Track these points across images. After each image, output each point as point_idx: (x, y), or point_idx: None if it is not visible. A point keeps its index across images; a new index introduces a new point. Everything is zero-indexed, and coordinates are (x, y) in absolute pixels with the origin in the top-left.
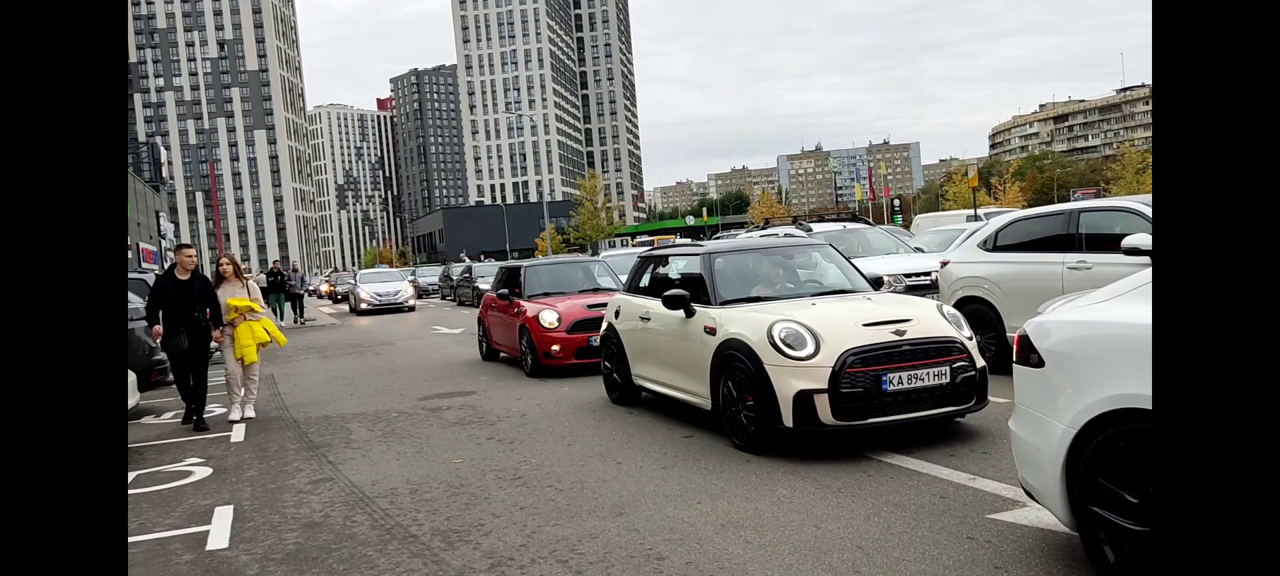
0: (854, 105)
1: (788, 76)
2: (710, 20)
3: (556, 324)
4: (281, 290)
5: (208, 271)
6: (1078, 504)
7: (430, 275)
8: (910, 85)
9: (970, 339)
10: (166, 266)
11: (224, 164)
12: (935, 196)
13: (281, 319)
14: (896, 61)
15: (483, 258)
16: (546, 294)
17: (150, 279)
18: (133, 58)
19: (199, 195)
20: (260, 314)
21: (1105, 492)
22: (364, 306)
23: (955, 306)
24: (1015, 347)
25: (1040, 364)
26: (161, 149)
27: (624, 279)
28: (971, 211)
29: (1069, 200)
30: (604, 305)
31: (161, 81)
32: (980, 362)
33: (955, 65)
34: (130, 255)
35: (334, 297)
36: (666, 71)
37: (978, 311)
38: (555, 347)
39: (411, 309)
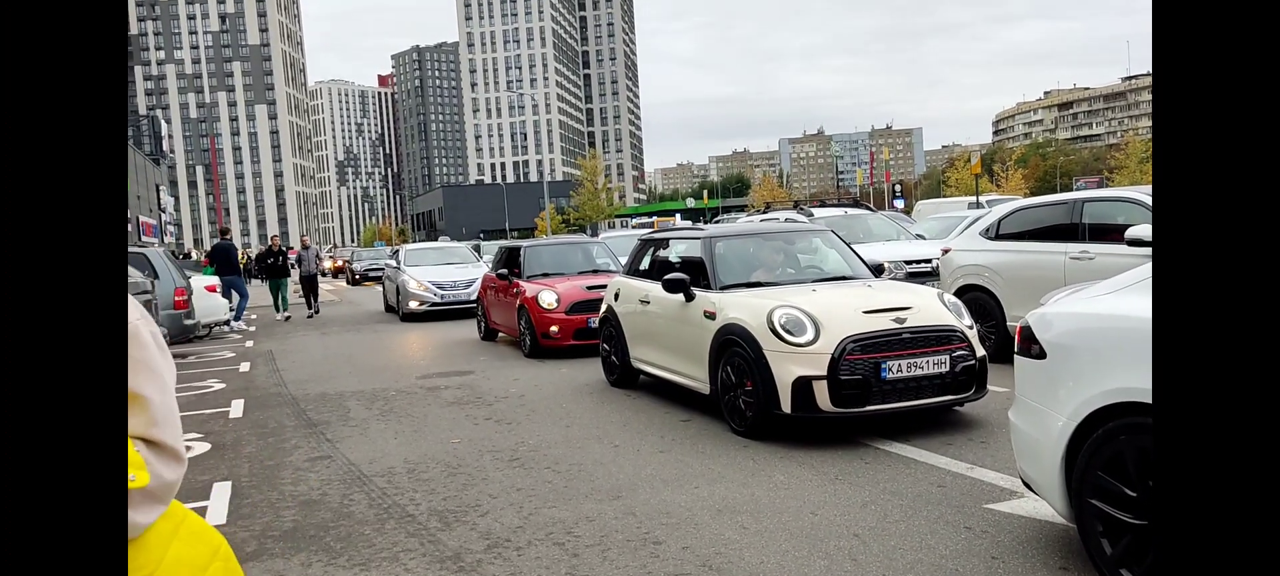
0: (858, 88)
1: (792, 58)
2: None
3: (555, 305)
4: (283, 274)
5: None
6: (1076, 496)
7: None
8: (916, 68)
9: (971, 327)
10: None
11: (224, 138)
12: (937, 182)
13: (283, 311)
14: (903, 44)
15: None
16: (546, 275)
17: (151, 253)
18: (133, 29)
19: (199, 169)
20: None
21: (1104, 486)
22: (415, 306)
23: (956, 294)
24: (1017, 338)
25: (1042, 355)
26: (162, 122)
27: (623, 261)
28: (974, 198)
29: (1071, 189)
30: (603, 287)
31: (162, 54)
32: (980, 352)
33: (962, 48)
34: (130, 228)
35: (351, 277)
36: (669, 51)
37: (978, 300)
38: (553, 328)
39: None
